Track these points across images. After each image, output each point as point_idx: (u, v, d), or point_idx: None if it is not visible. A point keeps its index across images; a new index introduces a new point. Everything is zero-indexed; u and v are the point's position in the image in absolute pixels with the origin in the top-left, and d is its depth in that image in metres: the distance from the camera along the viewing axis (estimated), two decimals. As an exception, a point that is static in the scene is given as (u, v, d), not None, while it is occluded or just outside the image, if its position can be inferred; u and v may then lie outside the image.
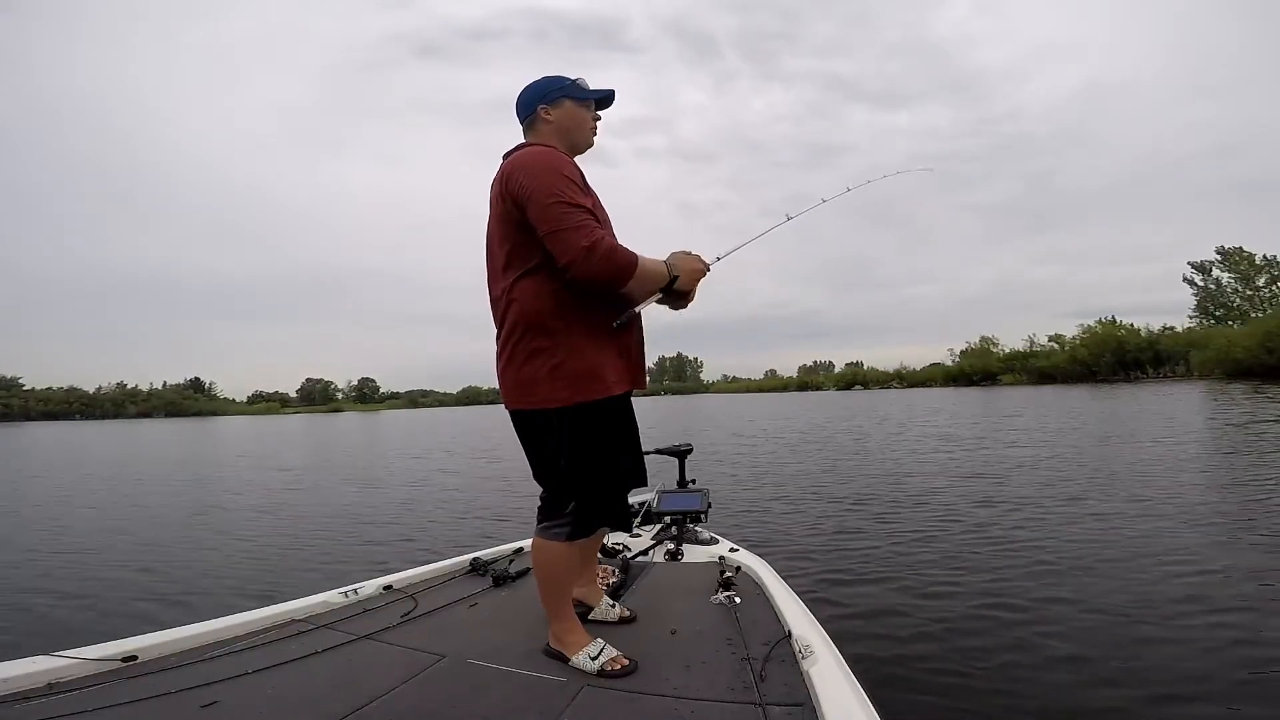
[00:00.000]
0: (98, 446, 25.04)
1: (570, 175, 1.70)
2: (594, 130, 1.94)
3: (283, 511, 7.93)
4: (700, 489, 3.43)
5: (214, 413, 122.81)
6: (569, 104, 1.88)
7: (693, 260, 1.82)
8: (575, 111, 1.89)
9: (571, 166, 1.74)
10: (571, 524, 1.80)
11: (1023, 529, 5.03)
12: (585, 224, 1.62)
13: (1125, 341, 58.67)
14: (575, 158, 1.92)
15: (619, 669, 1.70)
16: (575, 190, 1.67)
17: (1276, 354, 38.02)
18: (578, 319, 1.73)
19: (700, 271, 1.84)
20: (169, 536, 6.54)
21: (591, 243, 1.60)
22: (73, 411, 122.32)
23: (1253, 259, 61.05)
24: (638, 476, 1.99)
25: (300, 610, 2.18)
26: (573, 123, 1.89)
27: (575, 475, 1.79)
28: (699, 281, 1.85)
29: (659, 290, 1.78)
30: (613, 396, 1.77)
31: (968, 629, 3.13)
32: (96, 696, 1.56)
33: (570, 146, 1.90)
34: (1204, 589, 3.49)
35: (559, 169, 1.69)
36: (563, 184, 1.66)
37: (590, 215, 1.65)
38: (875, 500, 6.59)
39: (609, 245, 1.63)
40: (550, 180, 1.66)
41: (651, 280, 1.73)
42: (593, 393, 1.73)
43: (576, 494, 1.80)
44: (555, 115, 1.88)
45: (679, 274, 1.77)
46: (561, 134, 1.89)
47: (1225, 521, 4.96)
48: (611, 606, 2.12)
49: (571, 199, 1.64)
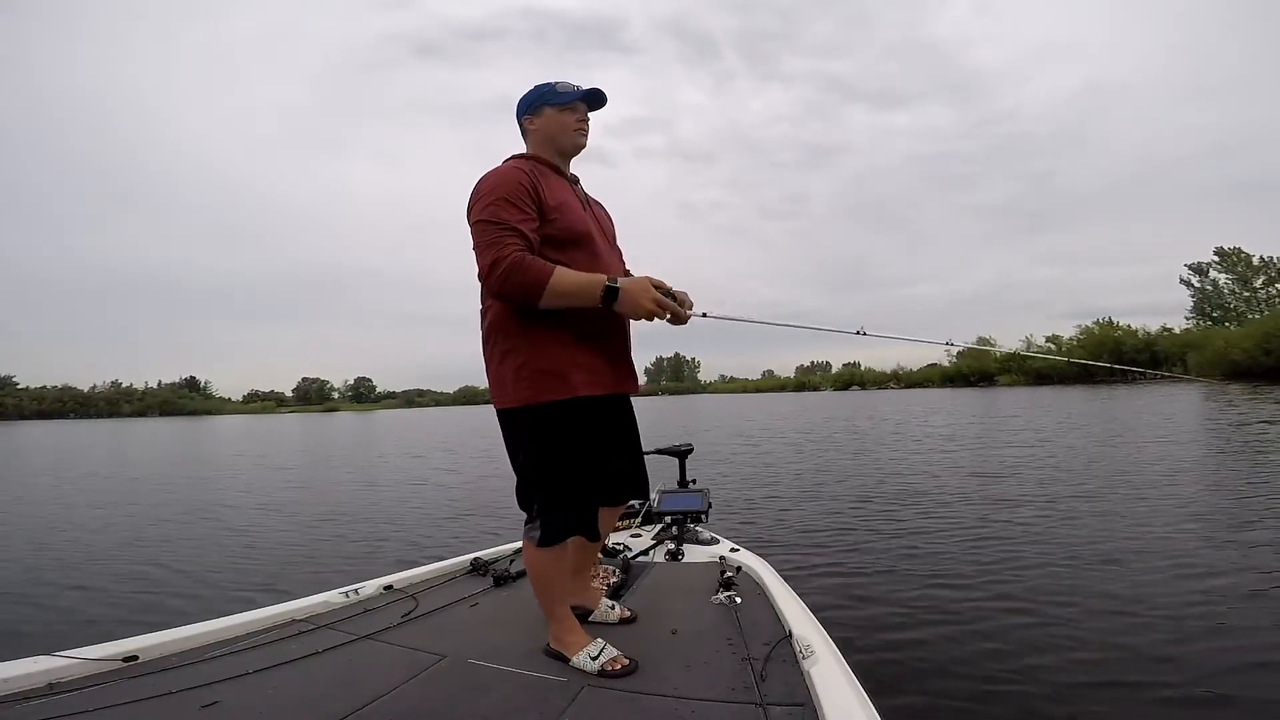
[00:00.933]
0: (93, 446, 24.99)
1: (508, 194, 1.71)
2: (580, 131, 1.93)
3: (283, 511, 7.91)
4: (701, 489, 3.44)
5: (209, 412, 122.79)
6: (549, 111, 1.90)
7: (642, 288, 1.70)
8: (556, 117, 1.90)
9: (515, 184, 1.73)
10: (539, 528, 1.81)
11: (1023, 529, 5.04)
12: (495, 242, 1.65)
13: (1122, 342, 58.78)
14: (573, 158, 1.97)
15: (619, 669, 1.70)
16: (506, 208, 1.69)
17: (1275, 355, 38.13)
18: (543, 321, 1.74)
19: (647, 302, 1.70)
20: (169, 536, 6.52)
21: (492, 261, 1.64)
22: (66, 410, 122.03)
23: (1250, 260, 61.22)
24: (622, 484, 2.00)
25: (301, 610, 2.18)
26: (555, 128, 1.90)
27: (533, 477, 1.82)
28: (648, 310, 1.71)
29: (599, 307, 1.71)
30: (578, 398, 1.76)
31: (969, 629, 3.13)
32: (97, 696, 1.56)
33: (557, 151, 1.92)
34: (1206, 588, 3.49)
35: (497, 189, 1.72)
36: (494, 203, 1.69)
37: (511, 233, 1.66)
38: (875, 500, 6.59)
39: (511, 263, 1.63)
40: (482, 199, 1.71)
41: (574, 298, 1.68)
42: (553, 393, 1.74)
43: (538, 497, 1.82)
44: (538, 124, 1.91)
45: (624, 297, 1.68)
46: (545, 141, 1.91)
47: (1224, 520, 4.98)
48: (611, 608, 2.11)
49: (495, 217, 1.67)
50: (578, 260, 1.79)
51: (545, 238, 1.76)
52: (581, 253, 1.82)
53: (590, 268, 1.79)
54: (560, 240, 1.78)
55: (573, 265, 1.75)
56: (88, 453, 20.77)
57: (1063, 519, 5.31)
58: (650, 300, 1.70)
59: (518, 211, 1.70)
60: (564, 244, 1.79)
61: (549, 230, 1.77)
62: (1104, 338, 60.10)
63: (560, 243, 1.78)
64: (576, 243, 1.82)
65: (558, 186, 1.86)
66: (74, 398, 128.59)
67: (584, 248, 1.84)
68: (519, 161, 1.85)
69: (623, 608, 2.14)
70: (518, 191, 1.73)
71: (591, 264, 1.82)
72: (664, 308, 1.74)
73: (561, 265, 1.71)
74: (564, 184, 1.91)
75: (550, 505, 1.81)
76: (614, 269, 1.94)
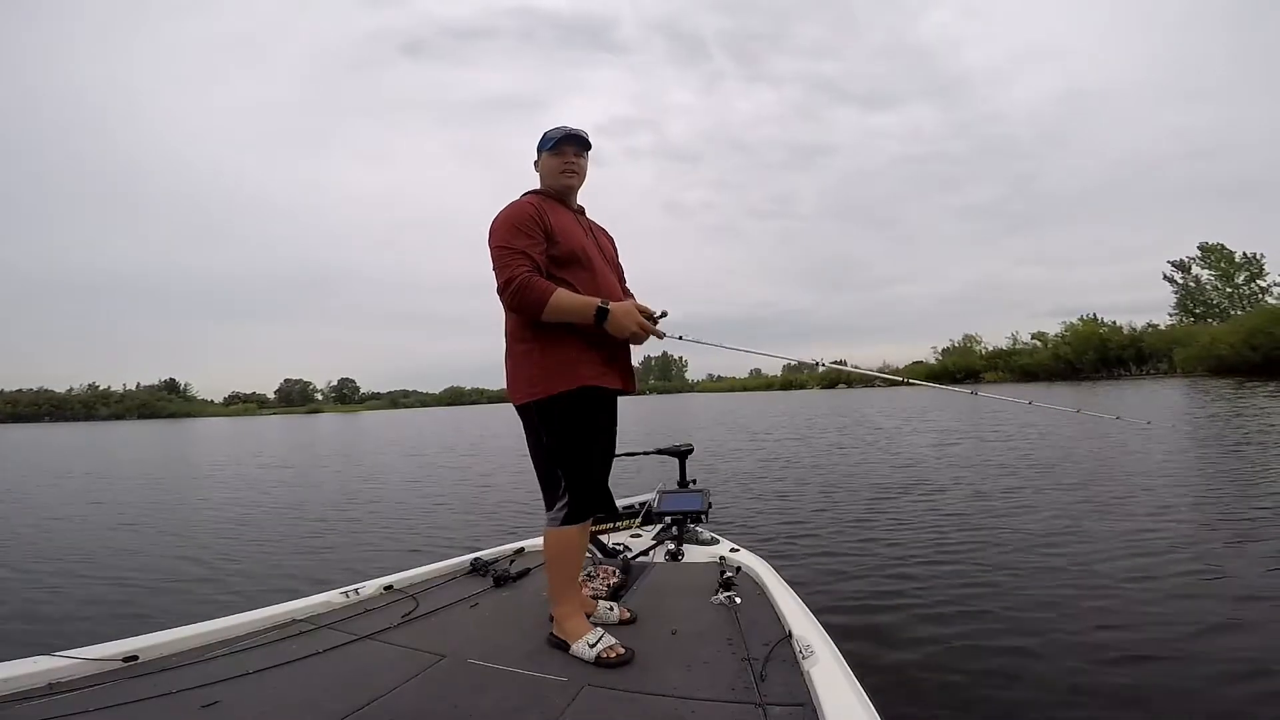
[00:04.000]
0: (72, 449, 24.62)
1: (518, 224, 2.01)
2: (566, 172, 2.19)
3: (282, 511, 7.88)
4: (701, 489, 3.45)
5: (189, 414, 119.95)
6: (544, 156, 2.20)
7: (627, 312, 2.00)
8: (547, 161, 2.20)
9: (526, 216, 2.03)
10: (568, 507, 2.01)
11: (1022, 528, 5.06)
12: (507, 266, 1.96)
13: (1108, 339, 59.25)
14: (573, 193, 2.25)
15: (615, 657, 1.79)
16: (517, 235, 1.99)
17: (1261, 351, 38.34)
18: (555, 326, 1.99)
19: (632, 325, 2.00)
20: (167, 536, 6.49)
21: (505, 280, 1.95)
22: (41, 414, 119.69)
23: (1233, 257, 61.91)
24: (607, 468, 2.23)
25: (301, 610, 2.18)
26: (545, 171, 2.21)
27: (559, 460, 2.02)
28: (632, 332, 2.01)
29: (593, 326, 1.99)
30: (587, 387, 2.00)
31: (968, 628, 3.15)
32: (97, 696, 1.56)
33: (553, 189, 2.20)
34: (1208, 588, 3.53)
35: (510, 220, 2.03)
36: (507, 232, 2.01)
37: (521, 256, 1.97)
38: (874, 500, 6.62)
39: (520, 283, 1.93)
40: (498, 229, 2.03)
41: (571, 315, 1.97)
42: (566, 383, 1.98)
43: (565, 478, 2.02)
44: (540, 166, 2.23)
45: (612, 319, 1.97)
46: (545, 181, 2.22)
47: (1226, 519, 5.03)
48: (610, 609, 2.15)
49: (509, 243, 1.99)
50: (578, 277, 2.06)
51: (551, 258, 2.04)
52: (582, 271, 2.09)
53: (590, 283, 2.08)
54: (563, 260, 2.06)
55: (574, 281, 2.04)
56: (75, 456, 20.48)
57: (1064, 519, 5.32)
58: (634, 323, 2.01)
59: (526, 238, 2.00)
60: (567, 263, 2.06)
61: (554, 252, 2.05)
62: (1089, 334, 60.47)
63: (563, 262, 2.06)
64: (578, 262, 2.08)
65: (562, 216, 2.14)
66: (49, 400, 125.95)
67: (584, 267, 2.10)
68: (531, 196, 2.16)
69: (622, 609, 2.16)
70: (528, 222, 2.02)
71: (591, 280, 2.09)
72: (646, 330, 2.05)
73: (566, 281, 2.02)
74: (568, 214, 2.19)
75: (576, 484, 2.01)
76: (610, 285, 2.18)
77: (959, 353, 78.94)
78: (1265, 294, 58.56)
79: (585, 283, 2.06)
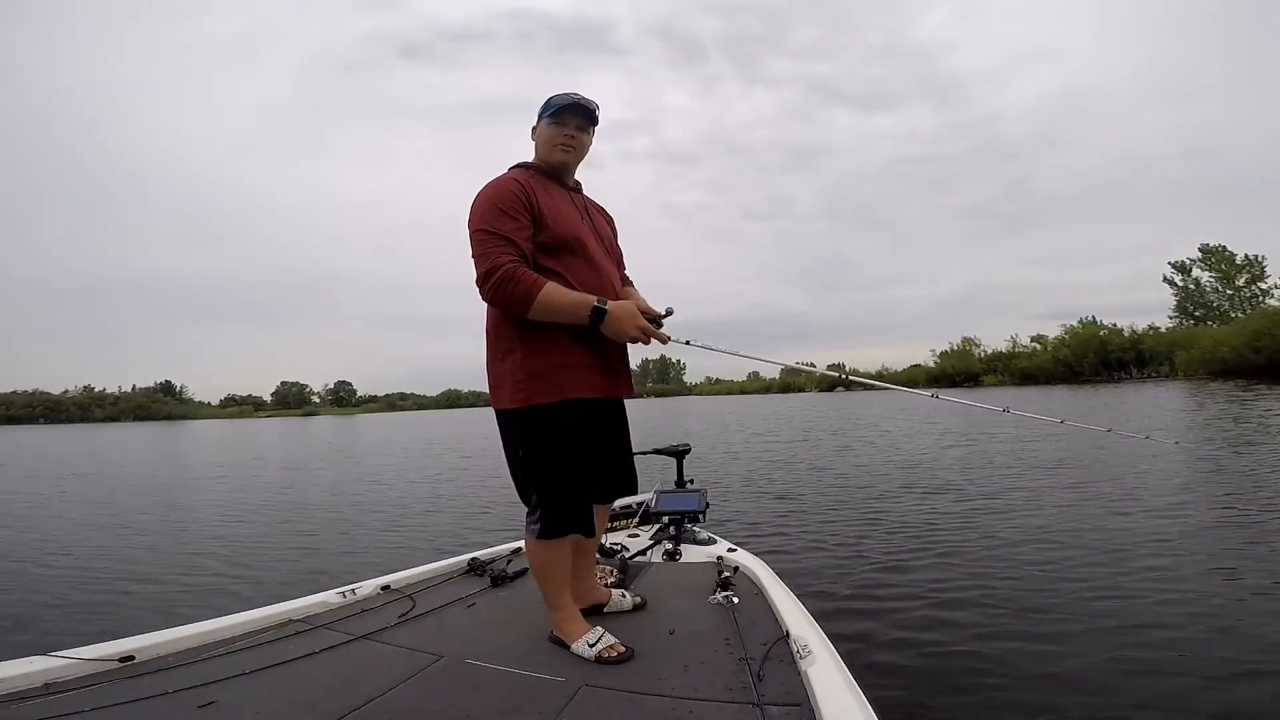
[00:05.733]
0: (67, 451, 24.55)
1: (503, 205, 1.77)
2: (562, 147, 1.94)
3: (278, 512, 7.86)
4: (698, 489, 3.45)
5: (185, 416, 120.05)
6: (542, 124, 1.96)
7: (627, 313, 1.79)
8: (544, 131, 1.95)
9: (510, 195, 1.79)
10: (539, 522, 1.86)
11: (1021, 528, 5.06)
12: (488, 254, 1.72)
13: (1108, 341, 59.09)
14: (569, 170, 2.01)
15: (615, 655, 1.76)
16: (501, 218, 1.75)
17: (1264, 353, 38.05)
18: (540, 324, 1.78)
19: (632, 328, 1.80)
20: (165, 537, 6.47)
21: (485, 271, 1.72)
22: (36, 416, 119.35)
23: (1234, 259, 61.77)
24: (612, 482, 2.09)
25: (298, 610, 2.17)
26: (540, 142, 1.97)
27: (530, 476, 1.87)
28: (632, 336, 1.81)
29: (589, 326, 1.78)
30: (570, 400, 1.81)
31: (966, 629, 3.14)
32: (94, 696, 1.55)
33: (546, 164, 1.96)
34: (1208, 588, 3.52)
35: (491, 199, 1.78)
36: (489, 213, 1.76)
37: (504, 243, 1.73)
38: (872, 500, 6.61)
39: (503, 275, 1.69)
40: (478, 210, 1.79)
41: (562, 315, 1.75)
42: (546, 395, 1.79)
43: (535, 495, 1.87)
44: (537, 134, 1.98)
45: (609, 321, 1.76)
46: (538, 153, 1.98)
47: (1225, 518, 5.03)
48: (623, 596, 2.18)
49: (490, 227, 1.74)
50: (570, 267, 1.84)
51: (539, 245, 1.81)
52: (575, 259, 1.87)
53: (583, 274, 1.86)
54: (553, 247, 1.83)
55: (566, 271, 1.82)
56: (71, 457, 20.40)
57: (1063, 518, 5.32)
58: (635, 326, 1.79)
59: (511, 222, 1.76)
60: (557, 251, 1.84)
61: (543, 238, 1.81)
62: (1089, 337, 60.33)
63: (553, 250, 1.83)
64: (570, 250, 1.86)
65: (554, 195, 1.90)
66: (44, 402, 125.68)
67: (577, 254, 1.88)
68: (518, 171, 1.90)
69: (634, 595, 2.20)
70: (512, 202, 1.78)
71: (584, 270, 1.87)
72: (647, 334, 1.82)
73: (555, 271, 1.79)
74: (561, 192, 1.95)
75: (547, 503, 1.86)
76: (608, 277, 1.97)
77: (957, 356, 78.73)
78: (1266, 296, 58.47)
79: (578, 273, 1.85)
